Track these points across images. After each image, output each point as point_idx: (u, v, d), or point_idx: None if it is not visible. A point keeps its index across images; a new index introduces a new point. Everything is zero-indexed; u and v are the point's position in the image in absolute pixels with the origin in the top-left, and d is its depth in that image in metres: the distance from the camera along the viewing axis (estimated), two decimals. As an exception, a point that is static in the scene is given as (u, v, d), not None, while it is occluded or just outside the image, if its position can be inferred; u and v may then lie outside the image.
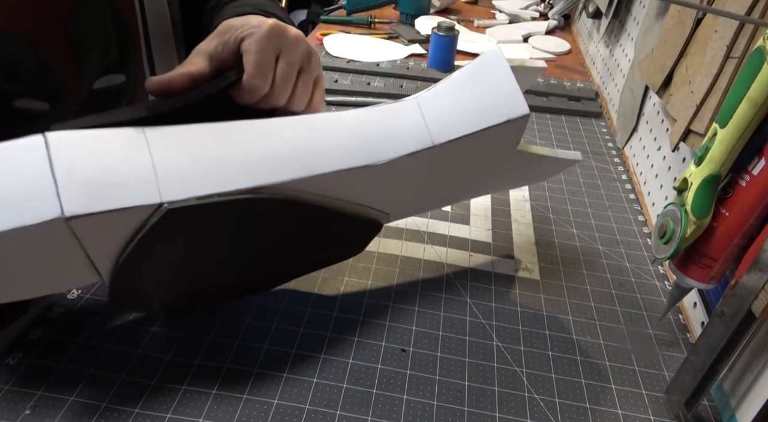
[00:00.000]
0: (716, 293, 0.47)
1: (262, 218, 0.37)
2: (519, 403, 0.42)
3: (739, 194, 0.40)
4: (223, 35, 0.40)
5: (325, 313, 0.48)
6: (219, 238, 0.37)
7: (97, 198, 0.31)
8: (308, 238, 0.42)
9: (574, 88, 0.95)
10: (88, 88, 0.47)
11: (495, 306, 0.51)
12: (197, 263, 0.38)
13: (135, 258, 0.34)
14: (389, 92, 0.88)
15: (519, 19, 1.27)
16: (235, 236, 0.38)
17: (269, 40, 0.39)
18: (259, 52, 0.38)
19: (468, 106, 0.41)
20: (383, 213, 0.45)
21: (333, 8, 1.26)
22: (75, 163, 0.31)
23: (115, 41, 0.47)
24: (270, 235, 0.40)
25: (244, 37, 0.39)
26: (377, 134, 0.40)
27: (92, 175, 0.31)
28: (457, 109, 0.41)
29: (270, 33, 0.39)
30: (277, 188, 0.36)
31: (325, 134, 0.39)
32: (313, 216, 0.39)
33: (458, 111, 0.41)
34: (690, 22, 0.58)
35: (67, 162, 0.31)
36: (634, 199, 0.68)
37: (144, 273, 0.35)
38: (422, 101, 0.42)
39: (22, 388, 0.39)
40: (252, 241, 0.39)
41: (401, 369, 0.44)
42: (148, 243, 0.33)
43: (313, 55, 0.42)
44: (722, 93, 0.49)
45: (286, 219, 0.39)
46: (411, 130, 0.41)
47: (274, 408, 0.40)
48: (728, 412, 0.42)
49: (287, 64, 0.40)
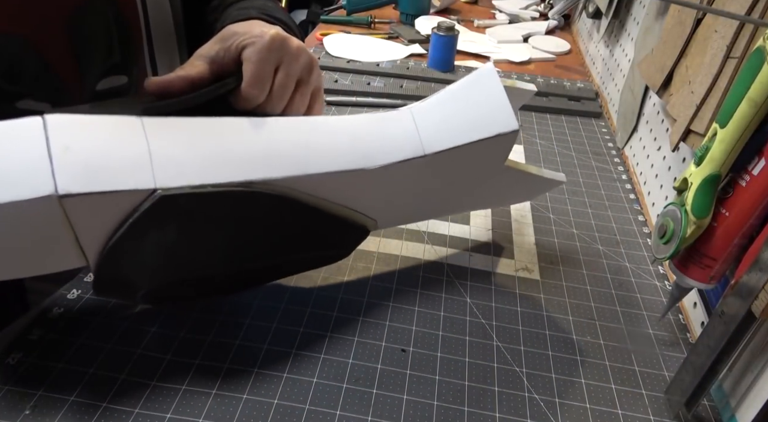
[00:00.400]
0: (716, 293, 0.47)
1: (253, 212, 0.38)
2: (519, 403, 0.42)
3: (739, 194, 0.40)
4: (225, 41, 0.40)
5: (325, 313, 0.48)
6: (209, 228, 0.37)
7: (92, 179, 0.31)
8: (296, 237, 0.43)
9: (574, 88, 0.95)
10: (90, 90, 0.47)
11: (495, 306, 0.51)
12: (185, 252, 0.38)
13: (124, 242, 0.34)
14: (389, 92, 0.88)
15: (519, 19, 1.27)
16: (225, 227, 0.38)
17: (270, 51, 0.39)
18: (258, 62, 0.39)
19: (460, 119, 0.43)
20: (371, 220, 0.46)
21: (333, 8, 1.26)
22: (71, 143, 0.31)
23: (117, 42, 0.48)
24: (258, 230, 0.40)
25: (246, 46, 0.39)
26: (371, 140, 0.41)
27: (88, 156, 0.32)
28: (449, 121, 0.43)
29: (271, 44, 0.39)
30: (270, 184, 0.37)
31: (321, 135, 0.40)
32: (302, 215, 0.40)
33: (450, 123, 0.43)
34: (690, 22, 0.58)
35: (64, 142, 0.31)
36: (634, 199, 0.68)
37: (132, 259, 0.35)
38: (416, 112, 0.43)
39: (22, 388, 0.39)
40: (240, 234, 0.39)
41: (401, 369, 0.44)
42: (138, 228, 0.33)
43: (314, 67, 0.43)
44: (722, 93, 0.49)
45: (276, 216, 0.39)
46: (404, 138, 0.42)
47: (274, 408, 0.40)
48: (728, 412, 0.42)
49: (286, 75, 0.40)
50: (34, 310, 0.45)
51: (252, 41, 0.39)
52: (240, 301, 0.48)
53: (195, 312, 0.46)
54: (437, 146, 0.42)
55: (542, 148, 0.78)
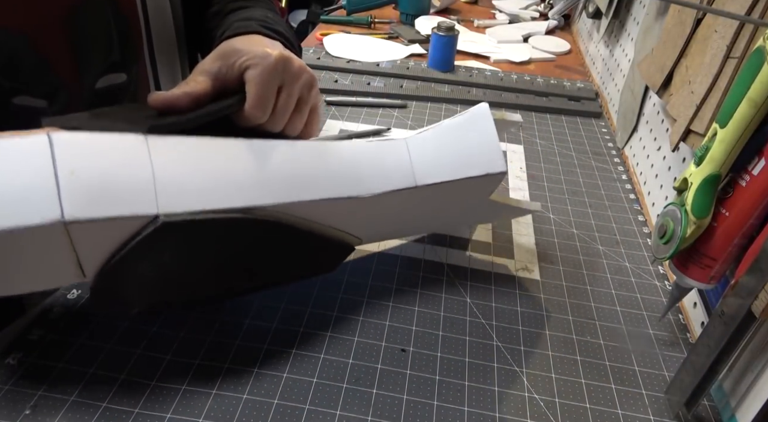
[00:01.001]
0: (716, 293, 0.47)
1: (248, 236, 0.39)
2: (519, 403, 0.42)
3: (739, 194, 0.40)
4: (227, 58, 0.41)
5: (325, 313, 0.48)
6: (205, 251, 0.38)
7: (97, 203, 0.31)
8: (287, 257, 0.44)
9: (574, 88, 0.95)
10: (90, 87, 0.47)
11: (495, 306, 0.51)
12: (181, 273, 0.39)
13: (124, 264, 0.34)
14: (389, 92, 0.88)
15: (519, 19, 1.27)
16: (220, 250, 0.39)
17: (273, 74, 0.40)
18: (262, 84, 0.39)
19: (452, 156, 0.45)
20: (357, 238, 0.47)
21: (333, 8, 1.26)
22: (77, 166, 0.31)
23: (116, 40, 0.48)
24: (252, 252, 0.41)
25: (249, 67, 0.40)
26: (367, 168, 0.43)
27: (94, 179, 0.32)
28: (441, 156, 0.45)
29: (275, 67, 0.40)
30: (267, 210, 0.38)
31: (319, 161, 0.41)
32: (295, 238, 0.41)
33: (442, 158, 0.45)
34: (690, 22, 0.58)
35: (70, 164, 0.31)
36: (634, 199, 0.68)
37: (130, 279, 0.36)
38: (411, 144, 0.45)
39: (22, 388, 0.39)
40: (234, 256, 0.40)
41: (401, 369, 0.44)
42: (139, 251, 0.34)
43: (313, 86, 0.44)
44: (722, 93, 0.49)
45: (270, 239, 0.40)
46: (398, 169, 0.44)
47: (274, 408, 0.40)
48: (728, 412, 0.42)
49: (288, 95, 0.42)
50: (34, 310, 0.45)
51: (255, 63, 0.40)
52: (240, 301, 0.48)
53: (195, 312, 0.46)
54: (428, 179, 0.45)
55: (542, 148, 0.78)
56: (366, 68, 0.95)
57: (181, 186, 0.34)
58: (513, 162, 0.74)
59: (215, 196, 0.36)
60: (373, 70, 0.95)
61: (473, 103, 0.88)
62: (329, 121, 0.79)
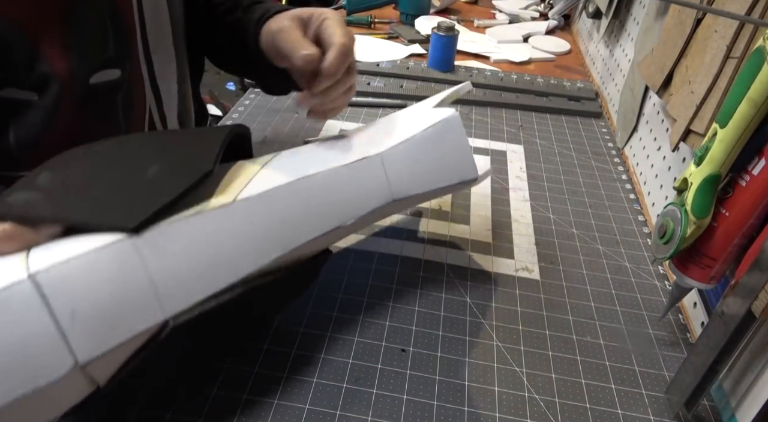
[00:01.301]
0: (716, 293, 0.47)
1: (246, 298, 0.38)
2: (519, 403, 0.42)
3: (739, 194, 0.40)
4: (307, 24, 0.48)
5: (325, 313, 0.48)
6: (208, 328, 0.38)
7: (107, 335, 0.31)
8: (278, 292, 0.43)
9: (574, 88, 0.95)
10: (83, 82, 0.46)
11: (495, 306, 0.51)
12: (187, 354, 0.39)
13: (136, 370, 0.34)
14: (389, 92, 0.88)
15: (519, 19, 1.27)
16: (222, 321, 0.39)
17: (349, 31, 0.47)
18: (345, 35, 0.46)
19: (427, 168, 0.46)
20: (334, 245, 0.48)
21: (333, 8, 1.26)
22: (75, 304, 0.30)
23: (112, 36, 0.47)
24: (249, 305, 0.40)
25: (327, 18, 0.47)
26: (345, 196, 0.43)
27: (96, 313, 0.30)
28: (416, 169, 0.46)
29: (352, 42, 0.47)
30: (262, 270, 0.38)
31: (300, 205, 0.41)
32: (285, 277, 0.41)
33: (417, 171, 0.46)
34: (690, 22, 0.58)
35: (68, 306, 0.30)
36: (634, 199, 0.68)
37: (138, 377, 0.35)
38: (386, 159, 0.45)
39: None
40: (233, 319, 0.40)
41: (401, 369, 0.44)
42: (151, 356, 0.34)
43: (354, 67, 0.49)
44: (722, 93, 0.49)
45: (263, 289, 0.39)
46: (375, 188, 0.45)
47: (274, 408, 0.40)
48: (728, 412, 0.42)
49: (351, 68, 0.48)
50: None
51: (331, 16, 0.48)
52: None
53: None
54: (405, 192, 0.46)
55: (542, 148, 0.78)
56: (366, 68, 0.95)
57: (179, 280, 0.34)
58: (513, 162, 0.74)
59: (213, 278, 0.35)
60: (373, 70, 0.95)
61: (473, 103, 0.88)
62: (329, 121, 0.79)
